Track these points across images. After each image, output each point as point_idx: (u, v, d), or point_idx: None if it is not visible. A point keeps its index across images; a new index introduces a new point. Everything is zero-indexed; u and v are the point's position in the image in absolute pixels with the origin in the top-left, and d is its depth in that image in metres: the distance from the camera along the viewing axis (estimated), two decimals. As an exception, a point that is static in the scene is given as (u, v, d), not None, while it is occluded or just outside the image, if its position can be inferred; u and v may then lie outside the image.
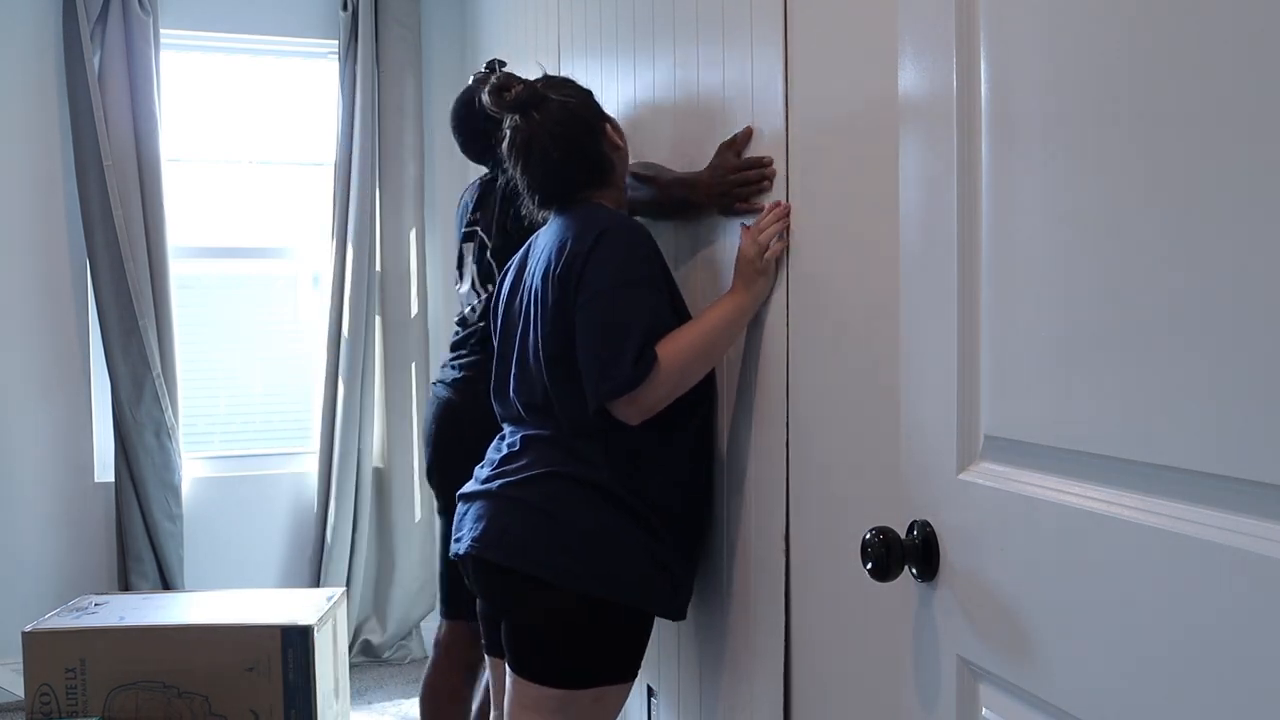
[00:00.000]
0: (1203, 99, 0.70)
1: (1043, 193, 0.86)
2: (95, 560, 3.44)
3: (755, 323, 1.57)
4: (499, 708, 1.76)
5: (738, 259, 1.54)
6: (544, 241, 1.68)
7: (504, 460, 1.67)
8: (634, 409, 1.52)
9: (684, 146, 1.81)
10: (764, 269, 1.51)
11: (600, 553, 1.56)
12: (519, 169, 1.68)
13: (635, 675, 1.62)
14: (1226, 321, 0.68)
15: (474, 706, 2.28)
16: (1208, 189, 0.69)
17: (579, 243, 1.56)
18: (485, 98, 1.70)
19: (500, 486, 1.62)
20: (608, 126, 1.69)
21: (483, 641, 1.78)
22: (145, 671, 2.70)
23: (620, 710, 1.64)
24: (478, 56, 3.57)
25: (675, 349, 1.52)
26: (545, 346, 1.60)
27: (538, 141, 1.64)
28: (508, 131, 1.69)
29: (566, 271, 1.56)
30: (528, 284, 1.69)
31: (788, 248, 1.46)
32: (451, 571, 2.15)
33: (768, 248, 1.50)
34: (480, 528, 1.62)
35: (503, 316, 1.78)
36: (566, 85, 1.70)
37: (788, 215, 1.48)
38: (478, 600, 1.76)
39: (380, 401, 3.60)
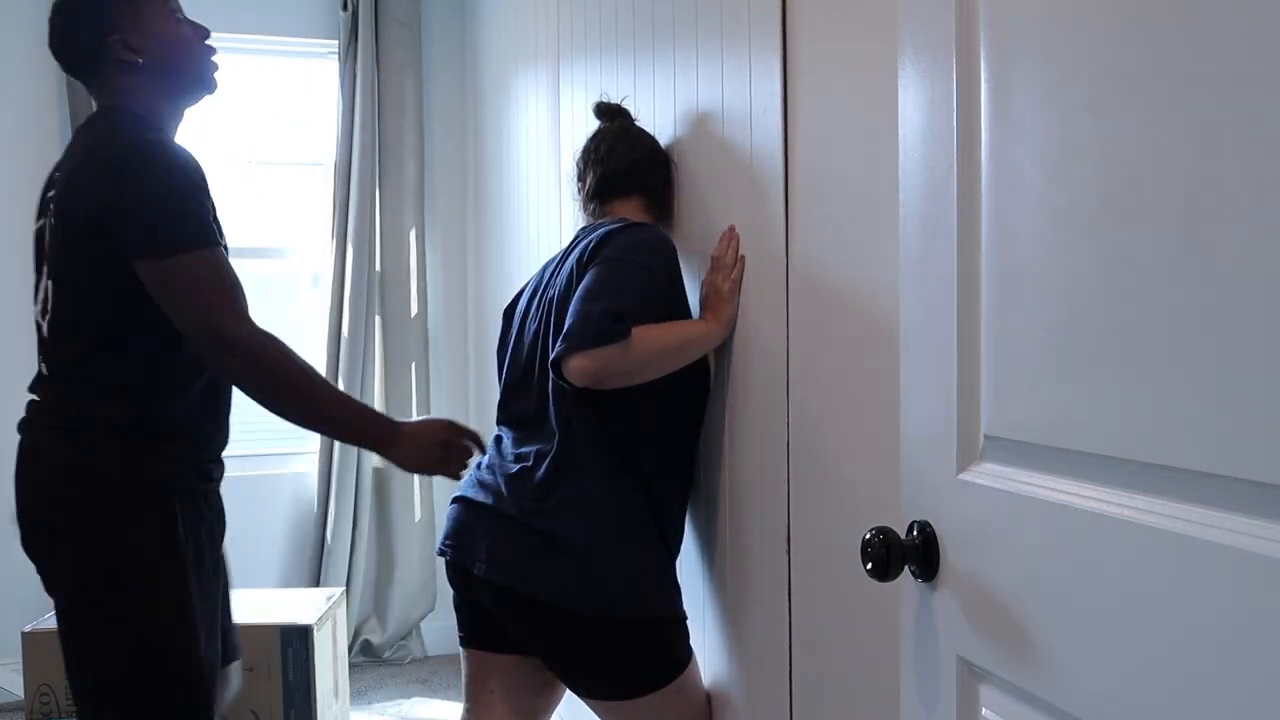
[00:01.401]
0: (1203, 97, 0.70)
1: (1043, 190, 0.87)
2: (95, 560, 3.43)
3: (755, 322, 1.58)
4: (472, 699, 1.77)
5: (709, 294, 1.65)
6: (570, 250, 1.74)
7: (518, 477, 1.67)
8: (588, 366, 1.49)
9: (684, 147, 1.81)
10: (730, 298, 1.63)
11: (634, 579, 1.61)
12: (588, 161, 1.85)
13: (692, 651, 1.71)
14: (1227, 321, 0.68)
15: None
16: (1209, 187, 0.70)
17: (603, 231, 1.67)
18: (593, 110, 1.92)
19: (520, 514, 1.62)
20: (674, 175, 1.86)
21: (460, 634, 1.78)
22: (145, 671, 2.69)
23: (700, 679, 1.75)
24: (478, 56, 3.58)
25: (650, 335, 1.55)
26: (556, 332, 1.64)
27: (612, 139, 1.82)
28: (590, 136, 1.87)
29: (585, 251, 1.64)
30: (545, 287, 1.74)
31: (788, 248, 1.47)
32: None
33: (731, 278, 1.62)
34: (503, 555, 1.63)
35: (517, 325, 1.81)
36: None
37: (738, 239, 1.61)
38: (459, 592, 1.76)
39: (380, 401, 3.61)
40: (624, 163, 1.80)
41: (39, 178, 3.38)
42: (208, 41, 1.77)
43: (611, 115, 1.90)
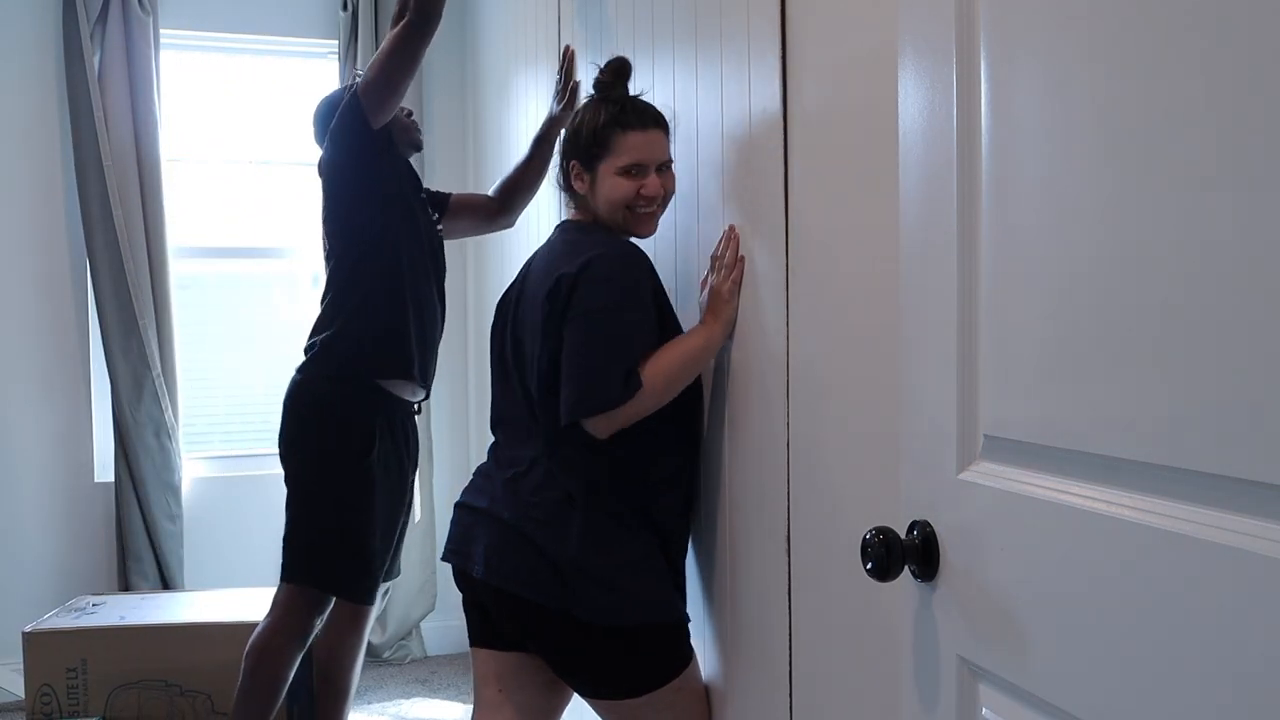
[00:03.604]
0: (1204, 97, 0.70)
1: (1043, 190, 0.87)
2: (95, 560, 3.44)
3: (755, 323, 1.58)
4: (480, 699, 1.77)
5: (710, 295, 1.63)
6: (538, 263, 1.74)
7: (512, 482, 1.67)
8: (606, 425, 1.56)
9: (684, 147, 1.81)
10: (730, 299, 1.61)
11: (629, 586, 1.61)
12: None
13: (692, 650, 1.71)
14: (1227, 320, 0.68)
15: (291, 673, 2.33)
16: (1209, 186, 0.70)
17: (569, 264, 1.61)
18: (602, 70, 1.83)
19: (515, 519, 1.63)
20: (573, 165, 1.73)
21: (469, 634, 1.79)
22: (147, 670, 2.70)
23: (700, 677, 1.74)
24: (478, 57, 3.58)
25: (657, 371, 1.57)
26: (537, 364, 1.63)
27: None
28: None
29: (555, 290, 1.60)
30: (526, 301, 1.73)
31: (787, 248, 1.47)
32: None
33: (731, 279, 1.60)
34: (500, 558, 1.63)
35: (500, 328, 1.80)
36: (608, 110, 1.72)
37: (738, 240, 1.60)
38: (465, 595, 1.77)
39: (380, 401, 3.60)
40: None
41: (40, 177, 3.38)
42: (412, 117, 2.43)
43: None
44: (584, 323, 1.57)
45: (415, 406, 2.42)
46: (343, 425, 2.28)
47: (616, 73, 1.76)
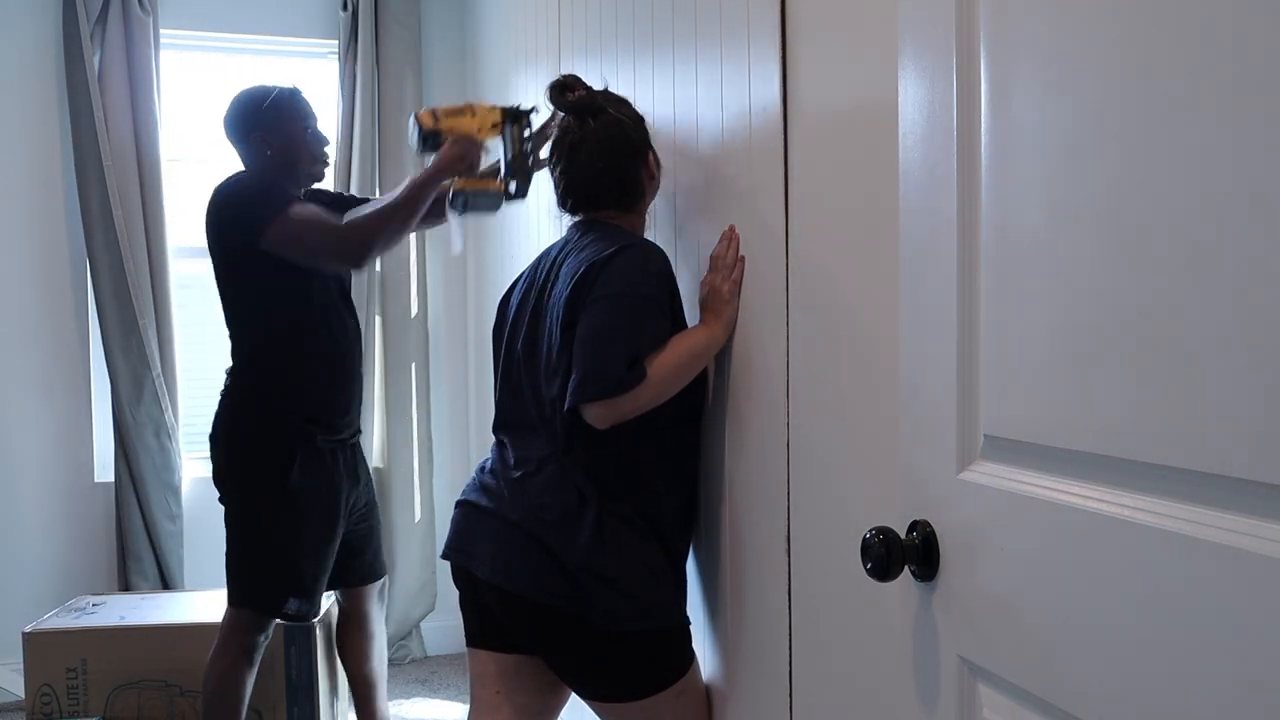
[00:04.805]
0: (1203, 96, 0.70)
1: (1043, 190, 0.87)
2: (95, 560, 3.44)
3: (755, 323, 1.58)
4: (477, 699, 1.77)
5: (709, 296, 1.63)
6: (562, 256, 1.71)
7: (520, 483, 1.66)
8: (607, 413, 1.55)
9: (684, 147, 1.81)
10: (730, 299, 1.61)
11: (634, 592, 1.60)
12: (558, 168, 1.76)
13: (693, 653, 1.71)
14: (1227, 320, 0.68)
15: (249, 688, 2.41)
16: (1209, 186, 0.70)
17: (598, 255, 1.61)
18: (545, 93, 1.79)
19: (524, 519, 1.62)
20: (650, 155, 1.77)
21: (466, 634, 1.79)
22: (147, 670, 2.70)
23: (701, 680, 1.74)
24: (478, 56, 3.58)
25: (661, 364, 1.56)
26: (557, 355, 1.62)
27: (585, 148, 1.72)
28: (556, 129, 1.78)
29: (583, 280, 1.59)
30: (547, 298, 1.69)
31: (787, 248, 1.47)
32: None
33: (732, 279, 1.60)
34: (507, 559, 1.63)
35: (509, 331, 1.79)
36: (625, 104, 1.79)
37: (738, 239, 1.60)
38: (464, 594, 1.76)
39: (380, 401, 3.61)
40: (589, 177, 1.72)
41: (40, 177, 3.39)
42: (325, 148, 2.45)
43: (574, 110, 1.75)
44: (599, 307, 1.57)
45: (348, 433, 2.48)
46: (259, 450, 2.36)
47: (574, 84, 1.80)
